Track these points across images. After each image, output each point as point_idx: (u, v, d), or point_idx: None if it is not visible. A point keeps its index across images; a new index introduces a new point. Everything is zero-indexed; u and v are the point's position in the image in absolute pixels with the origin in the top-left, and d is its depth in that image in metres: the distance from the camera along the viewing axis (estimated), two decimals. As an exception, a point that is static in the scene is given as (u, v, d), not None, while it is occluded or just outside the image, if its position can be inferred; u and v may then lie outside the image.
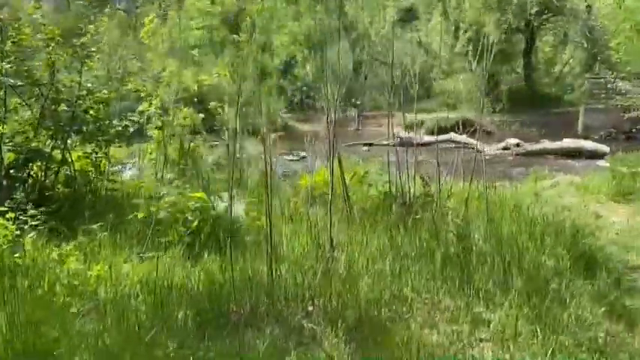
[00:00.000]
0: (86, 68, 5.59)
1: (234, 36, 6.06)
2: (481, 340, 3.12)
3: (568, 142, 13.37)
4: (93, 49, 5.70)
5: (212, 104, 6.90)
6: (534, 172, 7.56)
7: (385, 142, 17.61)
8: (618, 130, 14.85)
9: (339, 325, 3.02)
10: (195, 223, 4.17)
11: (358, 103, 23.46)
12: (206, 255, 3.93)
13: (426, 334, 3.13)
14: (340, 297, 3.29)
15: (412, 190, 4.97)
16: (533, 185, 7.26)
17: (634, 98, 6.65)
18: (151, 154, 5.89)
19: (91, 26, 5.71)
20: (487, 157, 14.12)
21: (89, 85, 5.64)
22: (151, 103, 5.70)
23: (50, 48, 5.26)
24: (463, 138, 16.66)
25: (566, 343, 3.00)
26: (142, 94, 5.82)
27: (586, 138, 14.10)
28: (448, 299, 3.45)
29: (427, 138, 17.52)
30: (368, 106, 29.73)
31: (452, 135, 17.26)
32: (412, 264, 3.74)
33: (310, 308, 3.18)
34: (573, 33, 20.43)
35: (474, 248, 4.00)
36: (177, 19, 15.38)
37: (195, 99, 6.56)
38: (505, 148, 14.49)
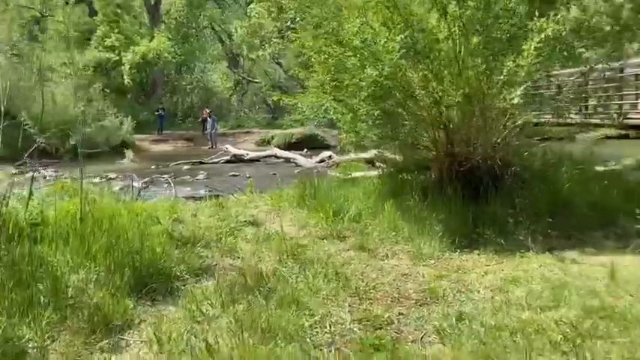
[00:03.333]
0: None
1: None
2: None
3: (362, 155, 14.11)
4: None
5: None
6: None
7: (216, 160, 17.80)
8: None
9: None
10: None
11: (212, 121, 23.53)
12: None
13: None
14: None
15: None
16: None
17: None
18: None
19: None
20: (300, 170, 14.68)
21: None
22: None
23: None
24: (285, 153, 17.26)
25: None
26: None
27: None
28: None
29: (252, 154, 17.96)
30: (233, 124, 29.93)
31: (275, 150, 17.75)
32: None
33: None
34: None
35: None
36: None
37: None
38: (321, 161, 15.13)
